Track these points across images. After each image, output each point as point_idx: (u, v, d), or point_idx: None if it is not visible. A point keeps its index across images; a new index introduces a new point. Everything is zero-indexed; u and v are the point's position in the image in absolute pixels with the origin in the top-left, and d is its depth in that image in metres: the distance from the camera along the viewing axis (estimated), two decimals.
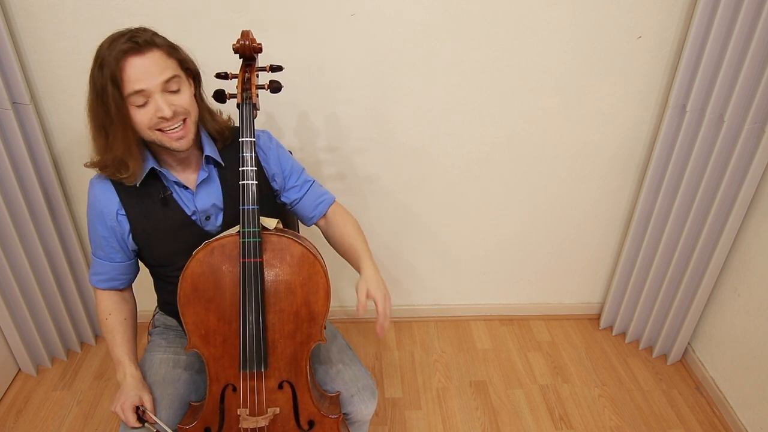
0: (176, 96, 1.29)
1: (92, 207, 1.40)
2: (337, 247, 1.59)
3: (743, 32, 1.77)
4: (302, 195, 1.58)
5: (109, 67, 1.19)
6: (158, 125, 1.28)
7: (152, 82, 1.23)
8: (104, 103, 1.23)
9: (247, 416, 1.38)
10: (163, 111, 1.25)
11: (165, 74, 1.25)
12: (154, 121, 1.27)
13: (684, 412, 2.21)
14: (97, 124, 1.27)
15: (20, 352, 2.22)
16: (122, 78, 1.21)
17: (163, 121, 1.27)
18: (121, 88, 1.21)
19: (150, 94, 1.25)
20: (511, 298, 2.65)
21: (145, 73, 1.22)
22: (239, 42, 1.36)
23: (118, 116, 1.24)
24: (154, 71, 1.23)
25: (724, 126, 1.90)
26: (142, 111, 1.26)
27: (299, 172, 1.59)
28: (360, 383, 1.55)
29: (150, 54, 1.23)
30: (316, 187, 1.61)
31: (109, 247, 1.43)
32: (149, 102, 1.25)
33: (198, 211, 1.43)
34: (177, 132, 1.30)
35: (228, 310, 1.33)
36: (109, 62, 1.19)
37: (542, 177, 2.27)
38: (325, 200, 1.60)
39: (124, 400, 1.37)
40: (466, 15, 1.90)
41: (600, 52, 1.99)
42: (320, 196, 1.60)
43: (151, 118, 1.26)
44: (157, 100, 1.25)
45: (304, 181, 1.59)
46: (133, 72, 1.21)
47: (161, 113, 1.25)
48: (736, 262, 2.12)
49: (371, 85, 2.02)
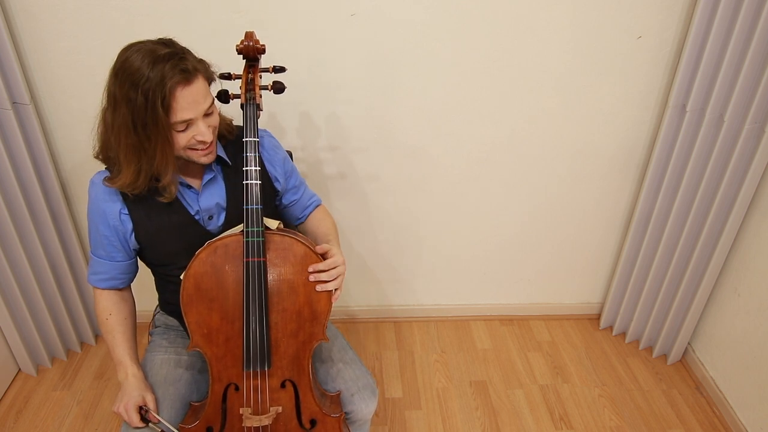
0: (211, 118, 1.32)
1: (94, 205, 1.40)
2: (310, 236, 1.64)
3: (743, 32, 1.78)
4: (299, 197, 1.63)
5: (157, 94, 1.18)
6: (195, 146, 1.31)
7: (199, 111, 1.26)
8: (146, 129, 1.22)
9: (250, 415, 1.38)
10: (205, 136, 1.29)
11: (208, 101, 1.28)
12: (192, 142, 1.30)
13: (684, 412, 2.21)
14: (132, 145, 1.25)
15: (20, 352, 2.21)
16: (173, 106, 1.21)
17: (202, 144, 1.31)
18: (168, 116, 1.22)
19: (194, 122, 1.27)
20: (511, 298, 2.65)
21: (194, 103, 1.24)
22: (243, 43, 1.36)
23: (162, 141, 1.24)
24: (200, 100, 1.26)
25: (724, 126, 1.90)
26: (182, 135, 1.28)
27: (297, 173, 1.63)
28: (360, 382, 1.56)
29: (196, 82, 1.25)
30: (308, 190, 1.68)
31: (111, 246, 1.43)
32: (190, 126, 1.28)
33: (201, 210, 1.43)
34: (207, 148, 1.34)
35: (231, 310, 1.33)
36: (156, 89, 1.18)
37: (542, 177, 2.27)
38: (313, 202, 1.68)
39: (127, 400, 1.37)
40: (466, 15, 1.90)
41: (600, 52, 1.99)
42: (310, 198, 1.67)
43: (189, 140, 1.29)
44: (200, 126, 1.28)
45: (299, 182, 1.64)
46: (184, 102, 1.22)
47: (202, 137, 1.28)
48: (736, 262, 2.12)
49: (371, 85, 2.02)
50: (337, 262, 1.35)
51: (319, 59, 1.96)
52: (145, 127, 1.21)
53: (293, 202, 1.62)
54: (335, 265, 1.35)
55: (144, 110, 1.19)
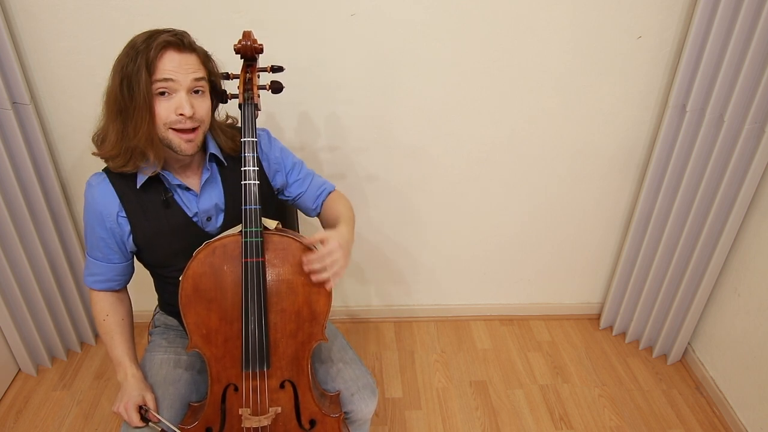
0: (200, 99, 1.31)
1: (90, 208, 1.39)
2: (324, 222, 1.61)
3: (743, 32, 1.78)
4: (305, 189, 1.60)
5: (145, 54, 1.22)
6: (175, 123, 1.28)
7: (183, 78, 1.26)
8: (130, 88, 1.23)
9: (249, 416, 1.38)
10: (184, 108, 1.26)
11: (195, 74, 1.28)
12: (172, 117, 1.27)
13: (684, 412, 2.21)
14: (117, 109, 1.27)
15: (20, 352, 2.22)
16: (157, 65, 1.23)
17: (180, 120, 1.28)
18: (152, 75, 1.23)
19: (176, 89, 1.26)
20: (511, 298, 2.65)
21: (180, 67, 1.25)
22: (241, 43, 1.36)
23: (143, 102, 1.24)
24: (188, 68, 1.27)
25: (724, 126, 1.90)
26: (164, 104, 1.27)
27: (300, 165, 1.60)
28: (360, 382, 1.56)
29: (188, 54, 1.27)
30: (317, 179, 1.63)
31: (108, 249, 1.43)
32: (173, 96, 1.27)
33: (200, 212, 1.43)
34: (188, 134, 1.31)
35: (230, 310, 1.33)
36: (147, 50, 1.22)
37: (542, 177, 2.27)
38: (324, 190, 1.62)
39: (127, 400, 1.37)
40: (466, 15, 1.90)
41: (600, 52, 1.99)
42: (320, 186, 1.62)
43: (169, 114, 1.27)
44: (182, 96, 1.27)
45: (305, 174, 1.60)
46: (169, 63, 1.24)
47: (181, 110, 1.26)
48: (736, 262, 2.12)
49: (371, 84, 2.02)
50: (330, 248, 1.29)
51: (318, 59, 1.96)
52: (130, 86, 1.23)
53: (300, 194, 1.59)
54: (329, 251, 1.29)
55: (132, 68, 1.22)
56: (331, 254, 1.29)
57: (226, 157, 1.45)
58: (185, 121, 1.28)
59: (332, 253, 1.29)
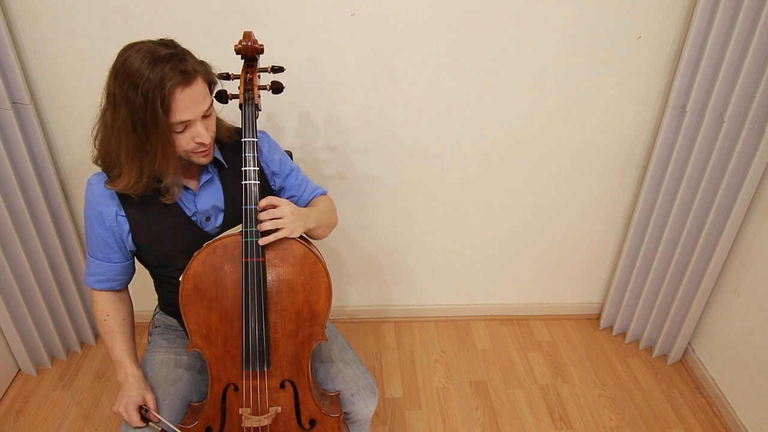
0: (209, 120, 1.33)
1: (90, 207, 1.39)
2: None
3: (743, 32, 1.78)
4: (300, 194, 1.62)
5: (156, 95, 1.18)
6: (195, 149, 1.31)
7: (197, 112, 1.26)
8: (146, 129, 1.22)
9: (249, 415, 1.38)
10: (203, 138, 1.29)
11: (207, 103, 1.29)
12: (192, 145, 1.30)
13: (684, 412, 2.21)
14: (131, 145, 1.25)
15: (20, 352, 2.22)
16: (171, 108, 1.21)
17: (200, 146, 1.31)
18: (168, 117, 1.22)
19: (192, 123, 1.27)
20: (511, 298, 2.65)
21: (193, 104, 1.25)
22: (241, 43, 1.36)
23: (162, 142, 1.24)
24: (199, 101, 1.26)
25: (724, 126, 1.90)
26: (181, 135, 1.28)
27: (297, 171, 1.62)
28: (360, 382, 1.56)
29: (195, 84, 1.25)
30: (311, 185, 1.65)
31: (108, 248, 1.43)
32: (188, 127, 1.28)
33: (198, 212, 1.43)
34: (206, 150, 1.34)
35: (230, 310, 1.33)
36: (156, 90, 1.18)
37: (542, 177, 2.27)
38: (316, 194, 1.66)
39: (128, 400, 1.37)
40: (466, 15, 1.90)
41: (600, 52, 1.99)
42: (312, 192, 1.65)
43: (188, 143, 1.29)
44: (198, 127, 1.28)
45: (302, 180, 1.62)
46: (182, 103, 1.23)
47: (200, 139, 1.28)
48: (736, 262, 2.12)
49: (371, 85, 2.02)
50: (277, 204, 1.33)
51: (319, 59, 1.96)
52: (145, 128, 1.21)
53: (294, 196, 1.61)
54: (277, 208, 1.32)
55: (143, 111, 1.19)
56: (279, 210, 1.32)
57: (225, 155, 1.46)
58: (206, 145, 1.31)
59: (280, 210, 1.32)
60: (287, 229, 1.32)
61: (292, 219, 1.34)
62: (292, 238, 1.34)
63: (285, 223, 1.32)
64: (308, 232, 1.43)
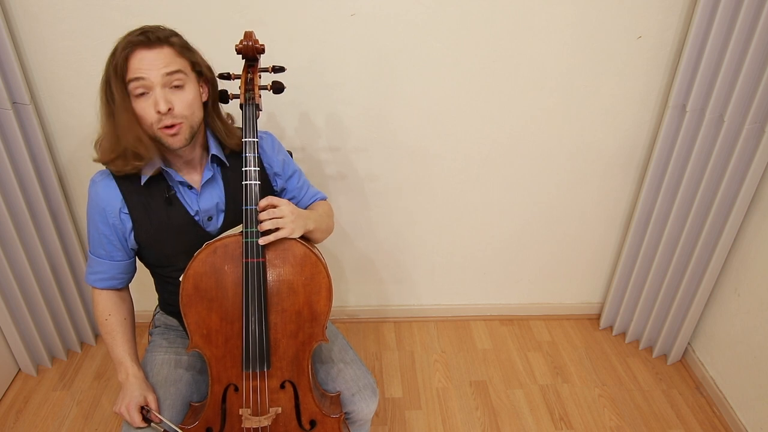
0: (179, 93, 1.29)
1: (93, 204, 1.40)
2: None
3: (743, 32, 1.78)
4: (301, 197, 1.62)
5: (117, 57, 1.23)
6: (159, 123, 1.29)
7: (153, 73, 1.25)
8: (110, 91, 1.26)
9: (249, 416, 1.38)
10: (159, 104, 1.26)
11: (169, 68, 1.27)
12: (155, 116, 1.28)
13: (684, 412, 2.21)
14: (105, 111, 1.30)
15: (20, 352, 2.21)
16: (127, 67, 1.24)
17: (161, 118, 1.28)
18: (124, 77, 1.24)
19: (150, 86, 1.26)
20: (511, 298, 2.65)
21: (149, 64, 1.25)
22: (242, 43, 1.36)
23: (121, 103, 1.26)
24: (158, 64, 1.25)
25: (724, 126, 1.90)
26: (143, 104, 1.27)
27: (300, 174, 1.62)
28: (361, 382, 1.56)
29: (159, 50, 1.26)
30: (311, 189, 1.66)
31: (111, 246, 1.43)
32: (150, 95, 1.27)
33: (201, 211, 1.43)
34: (171, 129, 1.30)
35: (230, 310, 1.33)
36: (120, 50, 1.24)
37: (542, 177, 2.27)
38: (316, 199, 1.66)
39: (129, 400, 1.37)
40: (466, 15, 1.90)
41: (600, 52, 1.99)
42: (313, 196, 1.66)
43: (151, 114, 1.28)
44: (157, 93, 1.26)
45: (303, 183, 1.63)
46: (137, 63, 1.24)
47: (157, 107, 1.26)
48: (736, 262, 2.12)
49: (371, 85, 2.02)
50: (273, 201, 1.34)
51: (319, 59, 1.96)
52: (110, 87, 1.26)
53: (294, 198, 1.61)
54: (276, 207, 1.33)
55: (109, 71, 1.25)
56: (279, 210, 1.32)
57: (228, 156, 1.46)
58: (164, 118, 1.28)
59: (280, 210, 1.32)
60: (287, 229, 1.32)
61: (293, 219, 1.34)
62: (292, 239, 1.34)
63: (285, 222, 1.32)
64: (307, 234, 1.43)
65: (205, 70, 1.37)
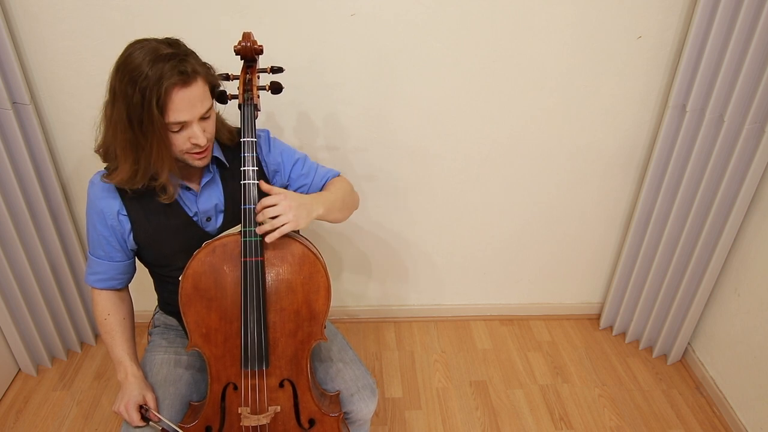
0: (208, 122, 1.32)
1: (92, 205, 1.40)
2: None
3: (743, 32, 1.78)
4: (310, 181, 1.58)
5: (153, 93, 1.18)
6: (191, 150, 1.30)
7: (194, 113, 1.26)
8: (141, 126, 1.22)
9: (248, 414, 1.38)
10: (199, 140, 1.28)
11: (205, 105, 1.28)
12: (188, 146, 1.29)
13: (684, 412, 2.21)
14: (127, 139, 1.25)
15: (20, 352, 2.22)
16: (168, 107, 1.21)
17: (196, 147, 1.30)
18: (164, 116, 1.22)
19: (189, 124, 1.27)
20: (511, 298, 2.65)
21: (190, 105, 1.24)
22: (240, 44, 1.37)
23: (157, 139, 1.24)
24: (196, 103, 1.25)
25: (724, 126, 1.90)
26: (177, 135, 1.27)
27: (303, 160, 1.58)
28: (360, 382, 1.56)
29: (195, 85, 1.24)
30: (321, 170, 1.61)
31: (110, 246, 1.43)
32: (185, 128, 1.27)
33: (200, 212, 1.43)
34: (202, 153, 1.33)
35: (229, 309, 1.33)
36: (153, 88, 1.18)
37: (542, 177, 2.27)
38: (328, 178, 1.60)
39: (128, 399, 1.37)
40: (466, 15, 1.90)
41: (600, 52, 1.99)
42: (324, 176, 1.60)
43: (184, 143, 1.29)
44: (195, 129, 1.27)
45: (309, 167, 1.59)
46: (179, 103, 1.22)
47: (196, 140, 1.28)
48: (736, 262, 2.12)
49: (371, 85, 2.02)
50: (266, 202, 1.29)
51: (318, 59, 1.96)
52: (141, 124, 1.21)
53: (305, 186, 1.57)
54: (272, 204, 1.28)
55: (140, 107, 1.19)
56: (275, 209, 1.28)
57: (227, 155, 1.46)
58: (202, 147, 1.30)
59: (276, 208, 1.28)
60: (291, 222, 1.28)
61: (295, 209, 1.29)
62: (291, 238, 1.33)
63: (286, 217, 1.27)
64: (321, 218, 1.39)
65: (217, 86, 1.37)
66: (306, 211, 1.33)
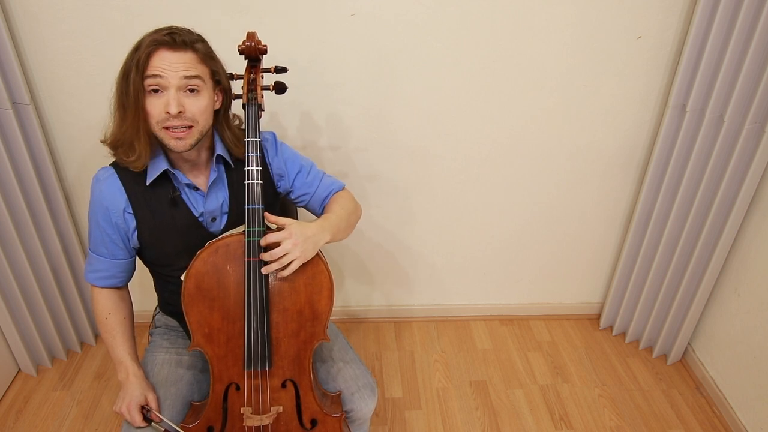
0: (193, 98, 1.29)
1: (97, 202, 1.39)
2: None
3: (743, 32, 1.78)
4: (313, 191, 1.58)
5: (139, 51, 1.24)
6: (164, 121, 1.28)
7: (172, 74, 1.25)
8: (126, 83, 1.25)
9: (250, 415, 1.38)
10: (170, 106, 1.25)
11: (188, 72, 1.27)
12: (163, 116, 1.27)
13: (684, 412, 2.21)
14: (119, 102, 1.29)
15: (20, 352, 2.21)
16: (147, 63, 1.24)
17: (168, 118, 1.27)
18: (143, 73, 1.24)
19: (166, 86, 1.26)
20: (511, 298, 2.65)
21: (169, 65, 1.25)
22: (245, 44, 1.36)
23: (134, 96, 1.25)
24: (178, 67, 1.26)
25: (724, 126, 1.91)
26: (155, 101, 1.27)
27: (309, 168, 1.58)
28: (360, 381, 1.56)
29: (182, 53, 1.26)
30: (326, 180, 1.60)
31: (113, 244, 1.42)
32: (163, 94, 1.26)
33: (206, 212, 1.43)
34: (178, 132, 1.30)
35: (232, 309, 1.33)
36: (142, 47, 1.24)
37: (542, 177, 2.28)
38: (332, 190, 1.60)
39: (129, 400, 1.37)
40: (466, 15, 1.91)
41: (600, 52, 1.99)
42: (328, 187, 1.59)
43: (160, 112, 1.27)
44: (170, 94, 1.26)
45: (314, 176, 1.58)
46: (158, 61, 1.25)
47: (168, 107, 1.26)
48: (736, 262, 2.12)
49: (372, 84, 2.02)
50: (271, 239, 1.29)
51: (319, 59, 1.96)
52: (127, 78, 1.25)
53: (307, 195, 1.57)
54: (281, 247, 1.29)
55: (129, 64, 1.25)
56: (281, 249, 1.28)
57: (233, 159, 1.45)
58: (172, 119, 1.27)
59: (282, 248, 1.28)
60: (299, 259, 1.29)
61: (300, 245, 1.29)
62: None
63: (293, 255, 1.28)
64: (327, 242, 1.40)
65: (224, 79, 1.37)
66: (312, 243, 1.33)
